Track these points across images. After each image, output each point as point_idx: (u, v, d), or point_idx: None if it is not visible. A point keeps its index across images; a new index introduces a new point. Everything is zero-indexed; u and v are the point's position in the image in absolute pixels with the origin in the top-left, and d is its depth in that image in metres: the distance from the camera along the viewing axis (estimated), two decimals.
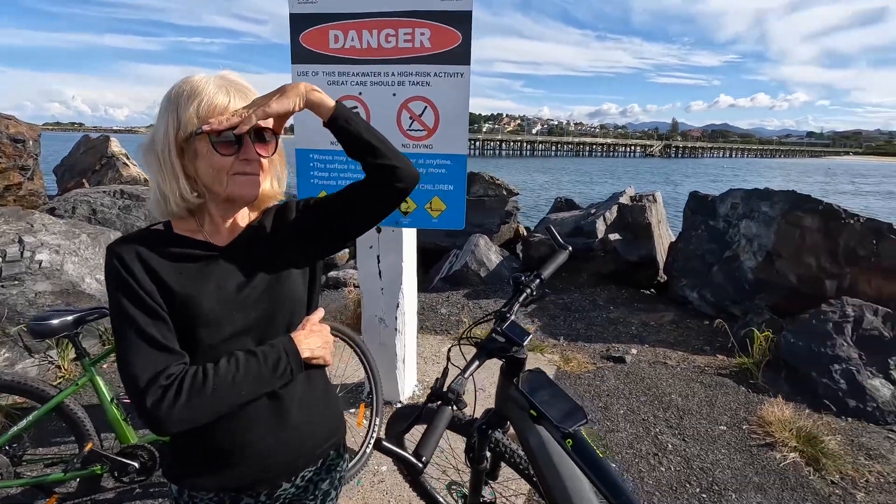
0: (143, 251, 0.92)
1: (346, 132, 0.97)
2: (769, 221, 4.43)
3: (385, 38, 2.46)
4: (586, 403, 3.07)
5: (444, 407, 1.03)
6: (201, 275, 0.95)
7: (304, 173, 2.65)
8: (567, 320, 4.66)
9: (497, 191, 7.80)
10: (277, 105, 0.91)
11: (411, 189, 1.03)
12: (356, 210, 1.03)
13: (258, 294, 0.97)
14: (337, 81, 2.55)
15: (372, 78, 2.52)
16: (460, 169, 2.57)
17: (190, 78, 0.93)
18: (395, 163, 0.99)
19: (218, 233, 1.00)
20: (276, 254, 1.02)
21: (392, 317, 2.82)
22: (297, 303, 1.03)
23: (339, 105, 0.98)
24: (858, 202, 28.34)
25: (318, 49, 2.53)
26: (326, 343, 1.02)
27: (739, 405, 3.10)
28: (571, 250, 1.48)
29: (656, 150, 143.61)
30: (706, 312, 4.65)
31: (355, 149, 0.99)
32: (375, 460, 2.41)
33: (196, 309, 0.91)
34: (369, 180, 1.01)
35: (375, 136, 0.99)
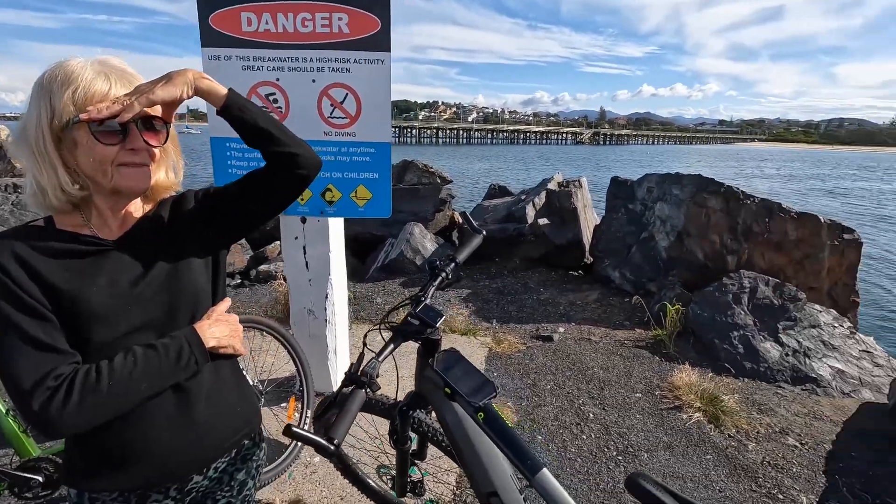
0: (21, 249, 0.86)
1: (240, 121, 0.95)
2: (680, 203, 4.79)
3: (301, 22, 2.39)
4: (516, 381, 3.21)
5: (357, 390, 1.05)
6: (90, 270, 0.90)
7: (221, 162, 2.54)
8: (500, 304, 4.81)
9: (431, 179, 7.84)
10: (163, 92, 0.87)
11: (314, 176, 1.02)
12: (258, 198, 1.01)
13: (156, 287, 0.94)
14: (252, 66, 2.45)
15: (290, 63, 2.44)
16: (385, 157, 2.56)
17: (64, 62, 0.87)
18: (295, 150, 0.98)
19: (106, 226, 0.95)
20: (174, 245, 0.98)
21: (321, 308, 2.79)
22: (200, 294, 1.00)
23: (231, 93, 0.95)
24: (765, 185, 31.20)
25: (230, 32, 2.42)
26: (234, 332, 1.00)
27: (653, 373, 3.36)
28: (485, 234, 1.54)
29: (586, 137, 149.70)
30: (626, 290, 4.98)
31: (252, 137, 0.97)
32: (308, 453, 2.40)
33: (86, 306, 0.87)
34: (269, 168, 0.99)
35: (273, 124, 0.98)
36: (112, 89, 0.87)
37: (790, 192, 26.91)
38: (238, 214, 1.03)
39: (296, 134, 1.01)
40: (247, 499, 1.13)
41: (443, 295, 5.04)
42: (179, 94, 0.89)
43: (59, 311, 0.86)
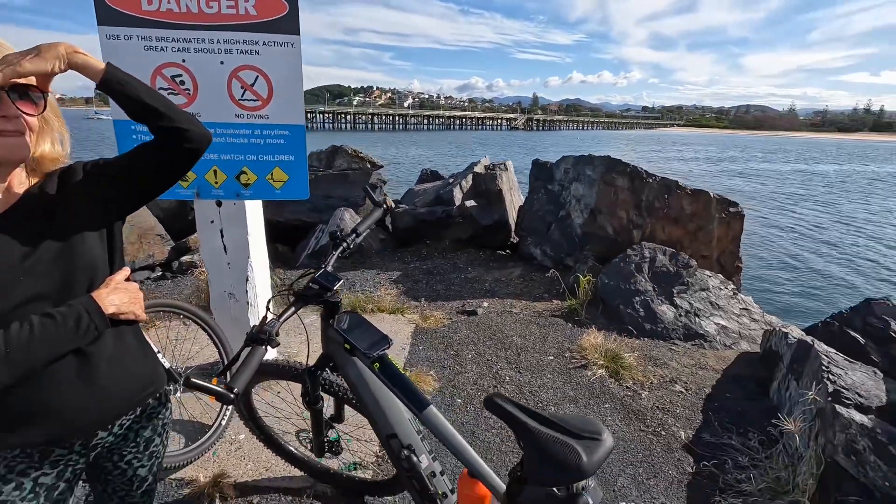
0: None
1: (123, 96, 0.97)
2: (592, 183, 5.16)
3: (206, 3, 2.36)
4: (440, 353, 3.40)
5: (257, 347, 1.15)
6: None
7: (126, 146, 2.47)
8: (429, 283, 4.98)
9: (361, 164, 7.83)
10: (31, 65, 0.87)
11: (203, 149, 1.06)
12: (149, 170, 1.04)
13: (49, 261, 0.94)
14: (155, 47, 2.40)
15: (195, 45, 2.41)
16: (299, 139, 2.60)
17: None
18: (182, 124, 1.01)
19: (6, 193, 0.95)
20: (64, 218, 0.99)
21: (242, 291, 2.80)
22: (96, 267, 1.02)
23: (110, 67, 0.96)
24: (685, 167, 33.58)
25: (129, 11, 2.35)
26: (134, 299, 1.04)
27: (565, 338, 3.67)
28: (386, 207, 1.67)
29: (520, 123, 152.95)
30: (547, 265, 5.31)
31: (137, 112, 0.99)
32: (233, 430, 2.44)
33: None
34: (158, 142, 1.02)
35: (157, 99, 1.00)
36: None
37: (707, 174, 29.23)
38: (129, 187, 1.05)
39: (206, 116, 1.06)
40: (154, 454, 1.21)
41: (373, 277, 5.14)
42: (49, 67, 0.89)
43: None
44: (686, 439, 2.59)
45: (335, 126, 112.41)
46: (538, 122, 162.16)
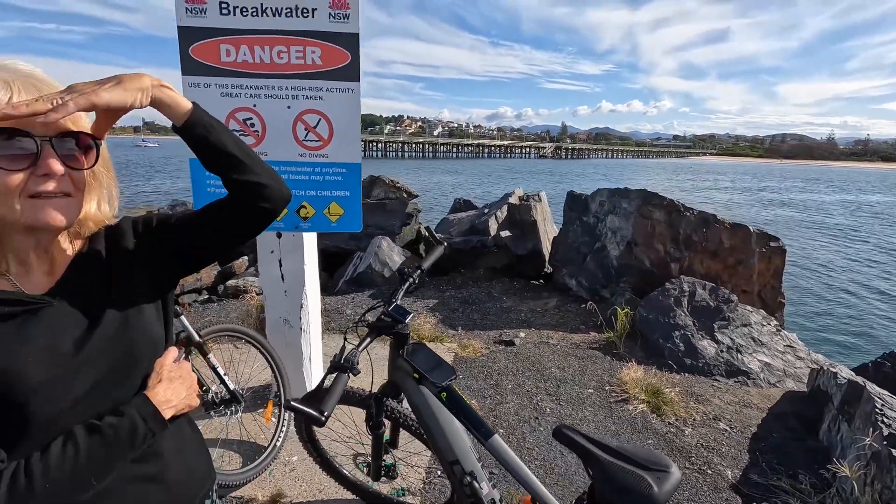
0: None
1: (205, 142, 0.83)
2: (628, 215, 5.20)
3: (277, 54, 2.61)
4: (480, 382, 3.46)
5: (342, 374, 1.27)
6: (19, 338, 0.72)
7: (201, 183, 2.70)
8: (465, 312, 5.07)
9: (398, 194, 8.07)
10: (110, 95, 0.69)
11: (280, 210, 0.92)
12: (217, 232, 0.89)
13: (103, 345, 0.78)
14: (230, 93, 2.64)
15: (266, 91, 2.65)
16: (355, 176, 2.79)
17: None
18: (263, 180, 0.87)
19: (30, 275, 0.78)
20: (118, 289, 0.83)
21: (296, 317, 2.96)
22: (156, 344, 0.87)
23: (196, 108, 0.83)
24: (723, 197, 32.91)
25: (210, 62, 2.61)
26: (191, 387, 0.88)
27: (605, 371, 3.68)
28: (447, 245, 1.79)
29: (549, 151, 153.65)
30: (582, 296, 5.33)
31: (216, 162, 0.85)
32: (287, 452, 2.56)
33: (20, 383, 0.70)
34: (233, 199, 0.87)
35: (240, 148, 0.86)
36: (14, 98, 0.68)
37: (746, 204, 28.55)
38: (191, 249, 0.90)
39: (272, 155, 0.94)
40: None
41: (411, 305, 5.26)
42: (131, 101, 0.72)
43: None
44: (733, 479, 2.56)
45: (367, 154, 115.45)
46: (567, 150, 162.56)
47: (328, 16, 2.56)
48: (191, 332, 2.23)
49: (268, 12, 2.55)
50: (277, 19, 2.56)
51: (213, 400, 2.36)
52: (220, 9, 2.54)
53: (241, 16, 2.55)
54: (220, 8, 2.54)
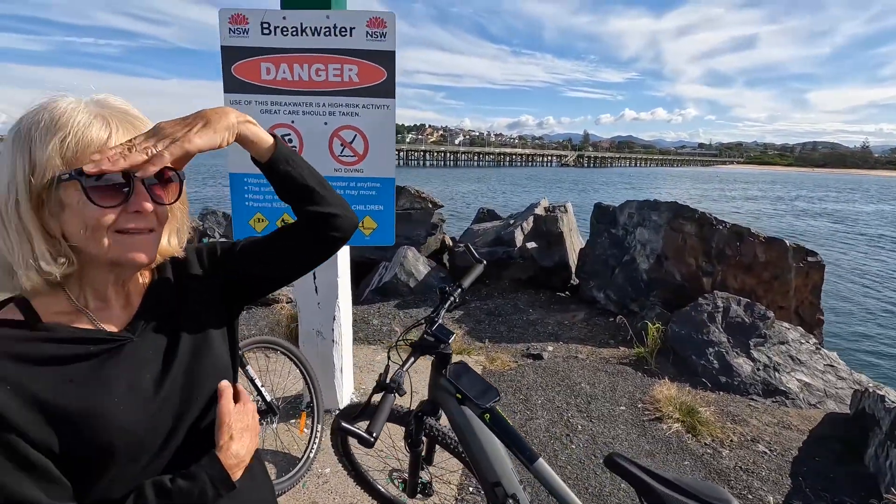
0: (7, 364, 0.65)
1: (288, 177, 0.83)
2: (658, 228, 5.12)
3: (315, 72, 2.67)
4: (509, 397, 3.43)
5: (388, 395, 1.28)
6: (103, 379, 0.71)
7: (240, 198, 2.77)
8: (491, 324, 5.05)
9: (423, 204, 8.12)
10: (202, 140, 0.70)
11: (348, 237, 0.91)
12: (285, 259, 0.89)
13: (180, 379, 0.78)
14: (270, 110, 2.72)
15: (304, 108, 2.71)
16: (389, 190, 2.82)
17: (50, 103, 0.68)
18: (336, 210, 0.88)
19: (107, 310, 0.76)
20: (188, 321, 0.82)
21: (329, 329, 3.00)
22: (227, 371, 0.86)
23: (278, 142, 0.83)
24: (753, 206, 31.87)
25: (251, 80, 2.69)
26: (255, 433, 0.83)
27: (636, 388, 3.61)
28: (486, 263, 1.79)
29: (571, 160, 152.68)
30: (611, 310, 5.26)
31: (292, 193, 0.85)
32: (319, 464, 2.58)
33: (106, 425, 0.69)
34: (303, 229, 0.87)
35: (317, 180, 0.87)
36: (113, 137, 0.68)
37: (779, 215, 27.57)
38: (258, 276, 0.90)
39: None
40: None
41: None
42: (220, 141, 0.73)
43: (62, 442, 0.66)
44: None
45: None
46: (589, 158, 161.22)
47: (365, 34, 2.62)
48: None
49: (307, 32, 2.62)
50: (316, 38, 2.63)
51: None
52: (261, 29, 2.63)
53: (282, 35, 2.63)
54: (261, 28, 2.62)
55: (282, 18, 2.62)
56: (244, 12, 2.62)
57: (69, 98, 0.69)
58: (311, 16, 2.61)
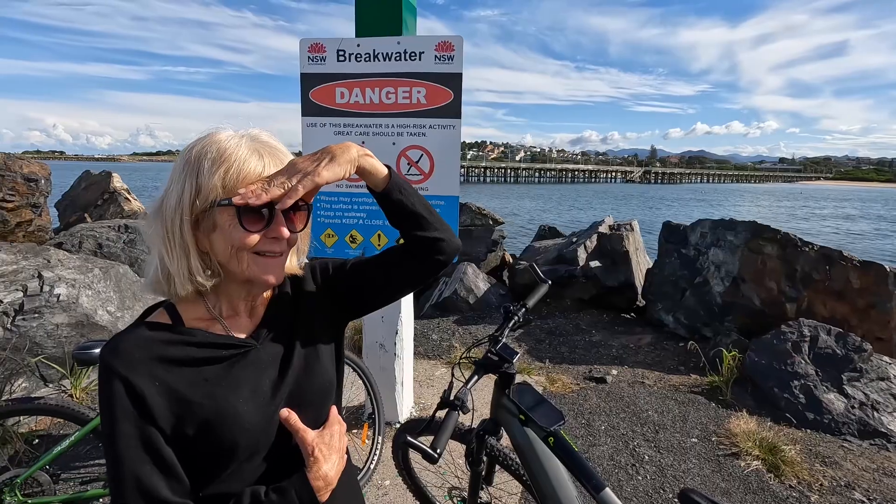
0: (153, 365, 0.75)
1: (399, 204, 0.88)
2: (734, 249, 4.82)
3: (385, 95, 2.79)
4: (570, 421, 3.33)
5: (453, 412, 1.29)
6: (231, 380, 0.80)
7: (313, 212, 2.93)
8: (552, 344, 4.94)
9: (484, 220, 8.15)
10: (329, 174, 0.78)
11: (451, 260, 0.96)
12: (390, 278, 0.95)
13: (293, 388, 0.85)
14: (342, 132, 2.87)
15: (374, 129, 2.84)
16: (453, 207, 2.87)
17: (215, 136, 0.79)
18: (441, 235, 0.91)
19: (238, 318, 0.86)
20: (303, 333, 0.90)
21: (391, 343, 3.07)
22: (327, 393, 0.91)
23: (392, 173, 0.88)
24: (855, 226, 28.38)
25: (326, 104, 2.86)
26: (342, 454, 0.86)
27: (709, 419, 3.38)
28: (551, 283, 1.77)
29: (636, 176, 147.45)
30: (680, 334, 4.98)
31: (402, 219, 0.90)
32: (379, 476, 2.62)
33: (234, 424, 0.77)
34: (410, 252, 0.92)
35: (425, 207, 0.91)
36: (265, 170, 0.78)
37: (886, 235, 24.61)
38: (364, 293, 0.96)
39: None
40: None
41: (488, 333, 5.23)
42: (343, 173, 0.80)
43: (195, 437, 0.75)
44: None
45: None
46: (656, 174, 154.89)
47: (434, 58, 2.71)
48: None
49: (379, 57, 2.75)
50: (388, 63, 2.75)
51: None
52: (337, 56, 2.79)
53: (356, 62, 2.78)
54: (337, 56, 2.79)
55: (356, 46, 2.77)
56: (322, 41, 2.81)
57: (229, 131, 0.81)
58: (384, 42, 2.74)
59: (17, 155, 4.68)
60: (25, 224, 4.57)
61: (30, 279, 3.28)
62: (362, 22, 2.82)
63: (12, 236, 4.47)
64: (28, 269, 3.34)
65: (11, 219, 4.37)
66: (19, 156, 4.70)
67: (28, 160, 4.70)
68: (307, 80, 2.85)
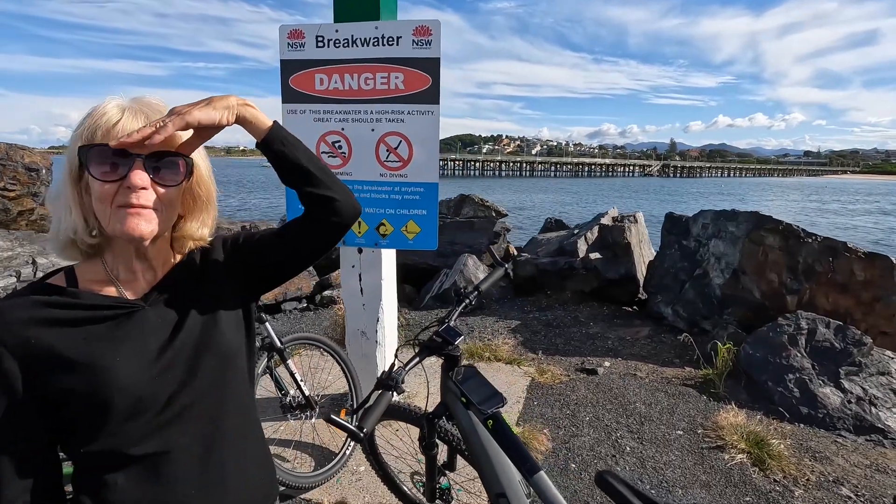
0: (31, 326, 0.76)
1: (281, 156, 0.89)
2: (735, 240, 4.70)
3: (364, 80, 2.77)
4: (555, 411, 3.30)
5: (386, 392, 1.28)
6: (112, 339, 0.80)
7: (293, 201, 2.94)
8: (547, 335, 4.89)
9: (486, 212, 8.11)
10: (201, 114, 0.78)
11: (350, 224, 0.97)
12: (293, 246, 0.96)
13: (185, 351, 0.85)
14: (322, 119, 2.86)
15: (353, 115, 2.82)
16: (432, 195, 2.85)
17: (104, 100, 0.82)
18: (334, 194, 0.92)
19: (134, 282, 0.87)
20: (205, 300, 0.90)
21: (373, 330, 3.07)
22: (233, 355, 0.91)
23: (275, 125, 0.89)
24: (891, 221, 26.58)
25: (305, 90, 2.85)
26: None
27: (698, 412, 3.32)
28: (508, 266, 1.75)
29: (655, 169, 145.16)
30: (679, 327, 4.88)
31: (290, 175, 0.92)
32: (354, 462, 2.63)
33: (107, 380, 0.77)
34: (307, 213, 0.95)
35: (313, 163, 0.92)
36: (122, 123, 0.78)
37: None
38: (273, 264, 0.98)
39: (356, 175, 1.02)
40: None
41: (492, 325, 5.21)
42: (219, 118, 0.81)
43: (75, 393, 0.76)
44: None
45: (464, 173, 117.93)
46: (675, 168, 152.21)
47: (412, 43, 2.68)
48: (273, 339, 2.41)
49: (357, 43, 2.73)
50: (365, 49, 2.73)
51: (290, 404, 2.51)
52: (316, 42, 2.78)
53: (334, 47, 2.76)
54: (316, 41, 2.78)
55: (335, 31, 2.75)
56: (302, 27, 2.80)
57: (117, 98, 0.82)
58: (362, 28, 2.72)
59: (19, 146, 4.79)
60: (27, 213, 4.70)
61: (24, 265, 3.36)
62: (341, 6, 2.81)
63: (14, 224, 4.60)
64: (23, 256, 3.42)
65: (13, 207, 4.50)
66: (21, 146, 4.83)
67: (30, 150, 4.82)
68: (287, 67, 2.85)
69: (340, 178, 0.98)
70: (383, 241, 2.92)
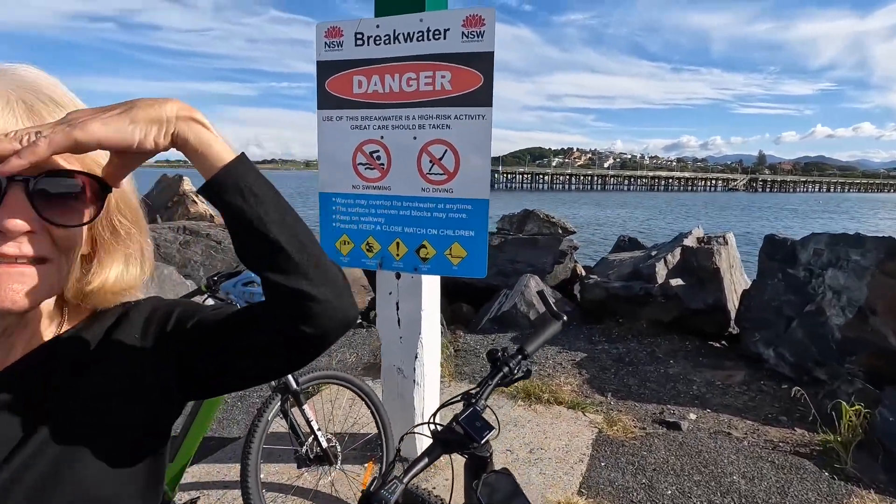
0: None
1: (237, 214, 0.53)
2: (861, 272, 3.83)
3: (406, 82, 2.42)
4: (627, 478, 2.70)
5: None
6: None
7: (326, 216, 2.63)
8: (618, 373, 4.25)
9: (552, 229, 7.54)
10: (106, 128, 0.46)
11: (333, 340, 0.60)
12: (237, 351, 0.60)
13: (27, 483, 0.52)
14: (360, 126, 2.53)
15: (393, 122, 2.48)
16: (482, 214, 2.42)
17: None
18: (317, 290, 0.55)
19: (10, 346, 0.56)
20: (88, 403, 0.57)
21: (410, 368, 2.68)
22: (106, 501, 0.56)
23: (238, 161, 0.53)
24: None
25: (343, 94, 2.54)
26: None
27: (820, 496, 2.58)
28: (565, 320, 1.27)
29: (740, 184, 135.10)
30: (784, 374, 4.06)
31: (251, 249, 0.55)
32: None
33: None
34: (267, 309, 0.58)
35: (293, 235, 0.55)
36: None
37: None
38: (205, 368, 0.62)
39: (395, 190, 0.64)
40: None
41: (554, 355, 4.65)
42: (139, 138, 0.48)
43: None
44: None
45: (532, 186, 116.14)
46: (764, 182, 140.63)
47: (461, 35, 2.29)
48: (288, 380, 2.06)
49: (400, 38, 2.40)
50: (409, 45, 2.39)
51: (306, 455, 2.15)
52: (355, 40, 2.48)
53: (374, 45, 2.44)
54: (355, 39, 2.47)
55: (375, 27, 2.43)
56: (340, 24, 2.50)
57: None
58: (405, 21, 2.38)
59: None
60: None
61: None
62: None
63: None
64: None
65: None
66: None
67: None
68: (323, 69, 2.56)
69: (378, 192, 0.61)
70: (424, 265, 2.53)
